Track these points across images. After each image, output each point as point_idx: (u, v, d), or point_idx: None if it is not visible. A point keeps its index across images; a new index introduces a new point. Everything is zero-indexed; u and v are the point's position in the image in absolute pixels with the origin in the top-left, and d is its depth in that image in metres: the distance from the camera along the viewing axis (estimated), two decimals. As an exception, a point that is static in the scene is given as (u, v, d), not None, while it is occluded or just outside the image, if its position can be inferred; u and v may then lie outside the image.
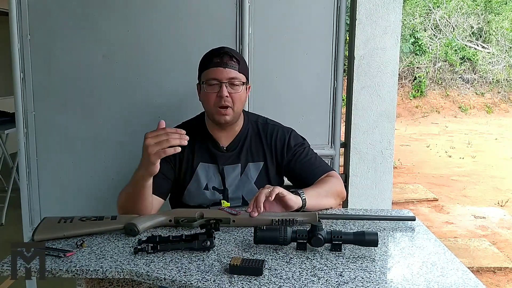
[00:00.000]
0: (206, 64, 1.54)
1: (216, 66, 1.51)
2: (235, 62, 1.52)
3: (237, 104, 1.53)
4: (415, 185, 5.52)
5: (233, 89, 1.51)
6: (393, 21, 2.09)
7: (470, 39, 12.55)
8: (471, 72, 12.09)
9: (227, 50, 1.54)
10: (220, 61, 1.50)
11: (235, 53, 1.55)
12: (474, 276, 1.07)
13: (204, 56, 1.58)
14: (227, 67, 1.50)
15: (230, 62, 1.51)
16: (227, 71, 1.50)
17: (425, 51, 12.14)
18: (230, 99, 1.51)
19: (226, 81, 1.50)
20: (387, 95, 2.14)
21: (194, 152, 1.59)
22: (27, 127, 2.05)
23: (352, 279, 1.04)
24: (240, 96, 1.53)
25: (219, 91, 1.50)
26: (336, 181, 1.57)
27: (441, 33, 12.54)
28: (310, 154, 1.64)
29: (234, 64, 1.52)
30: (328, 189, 1.52)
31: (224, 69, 1.50)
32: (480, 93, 11.89)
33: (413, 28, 12.24)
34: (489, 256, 3.52)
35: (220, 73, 1.50)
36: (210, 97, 1.52)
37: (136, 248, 1.18)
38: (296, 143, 1.64)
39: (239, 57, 1.55)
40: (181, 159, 1.58)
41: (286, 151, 1.62)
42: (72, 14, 2.01)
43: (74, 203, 2.08)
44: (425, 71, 12.00)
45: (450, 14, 12.62)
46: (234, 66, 1.51)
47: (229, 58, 1.51)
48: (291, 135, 1.65)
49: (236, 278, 1.04)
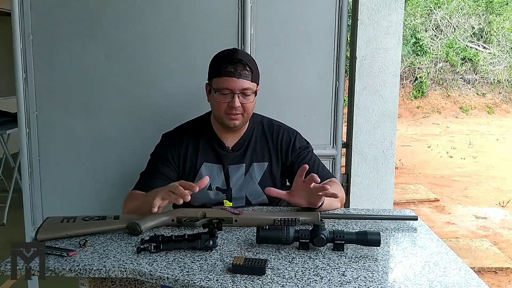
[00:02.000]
0: (219, 70, 1.50)
1: (229, 75, 1.48)
2: (249, 71, 1.50)
3: (247, 112, 1.54)
4: (416, 186, 5.52)
5: (245, 99, 1.51)
6: (395, 21, 2.09)
7: (471, 40, 12.55)
8: (472, 73, 12.08)
9: (241, 57, 1.50)
10: (234, 70, 1.48)
11: (249, 61, 1.52)
12: (477, 276, 1.07)
13: (216, 58, 1.55)
14: (241, 78, 1.48)
15: (244, 72, 1.49)
16: (241, 82, 1.48)
17: (426, 51, 12.14)
18: (241, 109, 1.51)
19: (238, 92, 1.49)
20: (389, 95, 2.14)
21: (198, 152, 1.60)
22: (29, 127, 2.06)
23: (355, 279, 1.04)
24: (251, 105, 1.54)
25: (231, 101, 1.49)
26: (340, 187, 1.59)
27: (442, 34, 12.54)
28: (314, 159, 1.64)
29: (247, 74, 1.49)
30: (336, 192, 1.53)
31: (238, 80, 1.48)
32: (481, 94, 11.88)
33: (414, 28, 12.24)
34: (491, 257, 3.52)
35: (233, 84, 1.48)
36: (221, 106, 1.51)
37: (139, 247, 1.18)
38: (301, 145, 1.64)
39: (252, 65, 1.52)
40: (185, 158, 1.59)
41: (291, 153, 1.62)
42: (75, 14, 2.02)
43: (76, 203, 2.09)
44: (426, 71, 11.99)
45: (451, 14, 12.61)
46: (247, 76, 1.49)
47: (243, 67, 1.49)
48: (297, 137, 1.66)
49: (238, 277, 1.04)
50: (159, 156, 1.60)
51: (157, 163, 1.58)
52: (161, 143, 1.64)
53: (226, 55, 1.52)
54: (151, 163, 1.61)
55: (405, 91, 11.67)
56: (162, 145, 1.63)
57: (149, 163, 1.62)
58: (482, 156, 7.24)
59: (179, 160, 1.59)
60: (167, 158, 1.58)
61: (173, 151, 1.59)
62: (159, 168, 1.56)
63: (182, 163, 1.59)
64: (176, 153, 1.59)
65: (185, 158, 1.59)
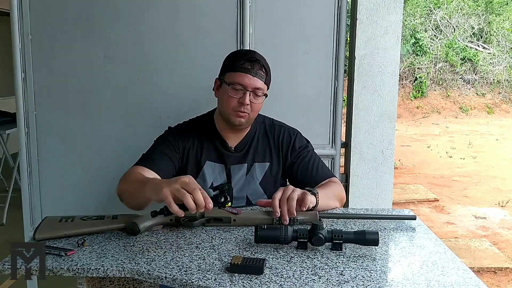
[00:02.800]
0: (235, 66, 1.50)
1: (245, 72, 1.48)
2: (264, 72, 1.51)
3: (254, 112, 1.54)
4: (416, 186, 5.52)
5: (255, 99, 1.51)
6: (393, 21, 2.10)
7: (471, 40, 12.55)
8: (471, 73, 12.09)
9: (259, 57, 1.52)
10: (251, 68, 1.49)
11: (265, 63, 1.53)
12: (475, 275, 1.07)
13: (233, 54, 1.57)
14: (256, 76, 1.49)
15: (260, 71, 1.50)
16: (255, 80, 1.49)
17: (426, 51, 12.14)
18: (249, 107, 1.51)
19: (251, 89, 1.49)
20: (388, 95, 2.14)
21: (202, 150, 1.59)
22: (28, 127, 2.06)
23: (353, 278, 1.04)
24: (259, 106, 1.54)
25: (242, 97, 1.49)
26: (340, 187, 1.59)
27: (442, 34, 12.54)
28: (314, 158, 1.64)
29: (262, 74, 1.51)
30: (335, 192, 1.54)
31: (253, 77, 1.49)
32: (480, 94, 11.89)
33: (413, 28, 12.25)
34: (490, 257, 3.52)
35: (248, 80, 1.48)
36: (231, 101, 1.51)
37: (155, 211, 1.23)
38: (300, 145, 1.64)
39: (267, 68, 1.54)
40: (189, 152, 1.57)
41: (291, 152, 1.62)
42: (73, 14, 2.02)
43: (75, 203, 2.09)
44: (426, 71, 12.00)
45: (451, 14, 12.61)
46: (262, 77, 1.51)
47: (260, 67, 1.50)
48: (297, 136, 1.66)
49: (236, 276, 1.04)
50: (165, 141, 1.57)
51: (162, 146, 1.55)
52: (168, 132, 1.62)
53: (244, 53, 1.55)
54: (155, 146, 1.57)
55: (404, 91, 11.68)
56: (170, 132, 1.61)
57: (152, 146, 1.58)
58: (482, 156, 7.24)
59: (183, 152, 1.57)
60: (173, 144, 1.56)
61: (179, 141, 1.57)
62: (164, 151, 1.53)
63: (186, 156, 1.57)
64: (182, 144, 1.57)
65: (189, 152, 1.58)
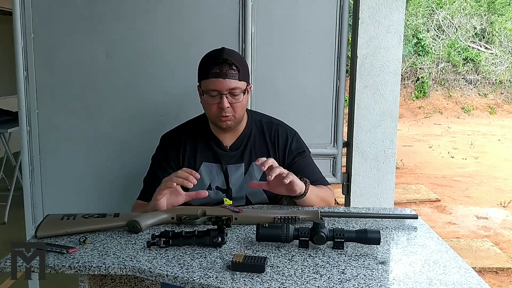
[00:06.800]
0: (205, 73, 1.50)
1: (215, 76, 1.47)
2: (235, 70, 1.48)
3: (238, 112, 1.53)
4: (418, 186, 5.51)
5: (234, 98, 1.50)
6: (396, 20, 2.09)
7: (473, 40, 12.53)
8: (474, 73, 12.06)
9: (226, 57, 1.47)
10: (220, 71, 1.46)
11: (235, 60, 1.49)
12: (477, 275, 1.07)
13: (203, 60, 1.54)
14: (227, 78, 1.46)
15: (230, 71, 1.47)
16: (227, 82, 1.47)
17: (428, 51, 12.12)
18: (231, 109, 1.50)
19: (226, 92, 1.48)
20: (390, 94, 2.14)
21: (196, 152, 1.60)
22: (30, 125, 2.06)
23: (354, 277, 1.04)
24: (241, 104, 1.52)
25: (219, 102, 1.48)
26: (331, 194, 1.61)
27: (444, 34, 12.52)
28: (309, 163, 1.64)
29: (234, 73, 1.47)
30: (324, 196, 1.57)
31: (224, 80, 1.46)
32: (483, 94, 11.87)
33: (416, 28, 12.23)
34: (492, 257, 3.51)
35: (220, 84, 1.47)
36: (211, 108, 1.51)
37: (149, 242, 1.19)
38: (296, 149, 1.63)
39: (239, 64, 1.49)
40: (184, 158, 1.59)
41: (287, 154, 1.62)
42: (76, 13, 2.02)
43: (76, 201, 2.09)
44: (428, 71, 11.98)
45: (453, 14, 12.59)
46: (234, 76, 1.47)
47: (229, 67, 1.47)
48: (294, 138, 1.65)
49: (238, 275, 1.04)
50: (159, 161, 1.61)
51: (158, 170, 1.59)
52: (160, 146, 1.66)
53: (212, 56, 1.51)
54: (152, 169, 1.63)
55: (406, 91, 11.67)
56: (161, 148, 1.65)
57: (150, 168, 1.64)
58: (484, 157, 7.23)
59: (179, 161, 1.59)
60: (167, 161, 1.60)
61: (172, 154, 1.60)
62: (159, 175, 1.54)
63: (182, 163, 1.59)
64: (175, 155, 1.60)
65: (184, 158, 1.59)
